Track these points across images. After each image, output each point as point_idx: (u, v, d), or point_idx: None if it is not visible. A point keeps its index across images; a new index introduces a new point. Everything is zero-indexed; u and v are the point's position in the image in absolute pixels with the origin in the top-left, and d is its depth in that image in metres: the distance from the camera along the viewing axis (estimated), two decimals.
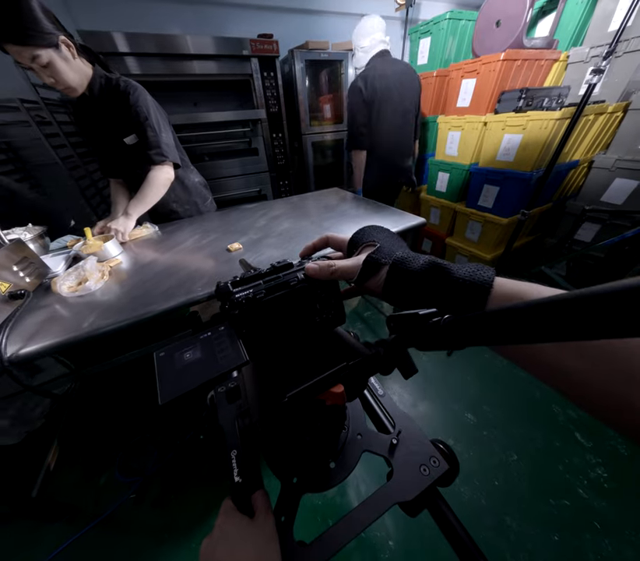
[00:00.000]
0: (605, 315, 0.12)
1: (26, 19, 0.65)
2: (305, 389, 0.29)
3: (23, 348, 0.55)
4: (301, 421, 0.35)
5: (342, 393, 0.32)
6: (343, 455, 0.41)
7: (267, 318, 0.30)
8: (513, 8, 1.53)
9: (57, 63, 0.74)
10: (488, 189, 1.71)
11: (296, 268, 0.33)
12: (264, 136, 2.10)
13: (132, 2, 1.93)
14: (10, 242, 0.67)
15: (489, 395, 1.27)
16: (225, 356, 0.28)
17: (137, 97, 0.90)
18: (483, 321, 0.20)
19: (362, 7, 2.69)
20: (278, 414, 0.32)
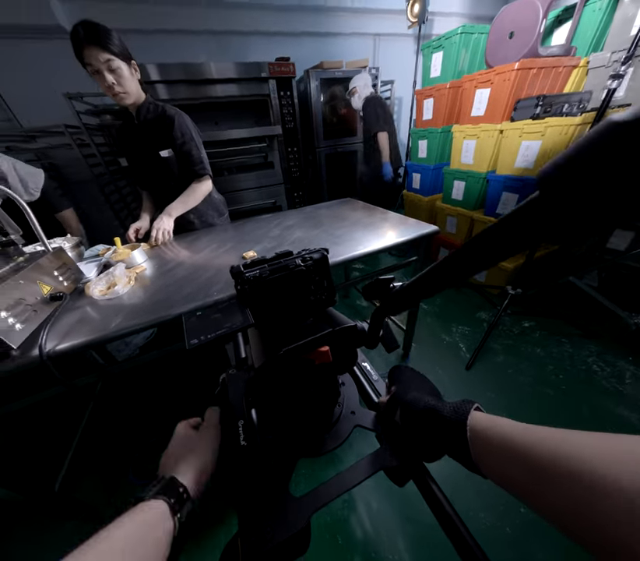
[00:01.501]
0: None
1: (109, 36, 0.86)
2: (298, 347, 0.37)
3: (59, 345, 0.63)
4: (295, 377, 0.41)
5: (327, 351, 0.39)
6: (337, 428, 0.47)
7: (270, 293, 0.38)
8: (526, 19, 1.59)
9: (124, 70, 0.92)
10: (507, 197, 1.71)
11: (295, 255, 0.41)
12: (280, 150, 2.25)
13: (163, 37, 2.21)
14: (53, 250, 0.78)
15: (515, 415, 1.21)
16: (236, 319, 0.37)
17: (182, 120, 1.09)
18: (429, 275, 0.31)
19: (375, 26, 2.88)
20: (276, 365, 0.38)
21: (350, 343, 0.43)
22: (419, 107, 2.26)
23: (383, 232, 1.08)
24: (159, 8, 2.08)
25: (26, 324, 0.64)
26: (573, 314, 1.71)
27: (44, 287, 0.71)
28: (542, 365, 1.42)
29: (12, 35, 1.77)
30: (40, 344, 0.61)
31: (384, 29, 2.92)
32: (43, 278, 0.73)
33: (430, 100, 2.12)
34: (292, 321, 0.42)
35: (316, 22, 2.62)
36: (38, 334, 0.64)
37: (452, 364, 1.47)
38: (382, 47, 3.05)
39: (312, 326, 0.41)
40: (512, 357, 1.48)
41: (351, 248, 0.97)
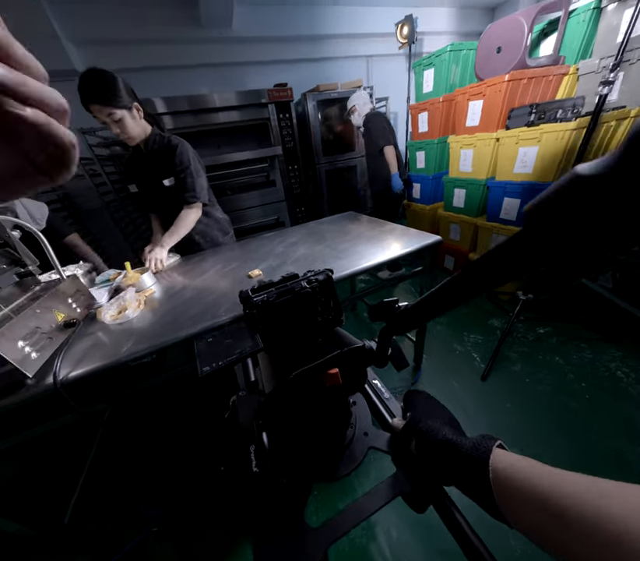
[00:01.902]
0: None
1: (110, 88, 0.93)
2: (307, 370, 0.37)
3: (73, 372, 0.65)
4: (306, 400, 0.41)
5: (336, 374, 0.39)
6: (350, 451, 0.46)
7: (278, 316, 0.39)
8: (512, 35, 1.65)
9: (126, 120, 1.00)
10: (509, 202, 1.71)
11: (301, 278, 0.42)
12: (281, 169, 2.33)
13: (169, 72, 2.38)
14: (68, 278, 0.81)
15: (536, 428, 1.15)
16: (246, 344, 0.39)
17: (182, 149, 1.15)
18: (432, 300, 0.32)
19: (367, 49, 3.04)
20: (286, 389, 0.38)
21: (359, 363, 0.43)
22: (414, 121, 2.33)
23: (386, 245, 1.09)
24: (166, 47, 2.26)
25: (41, 352, 0.66)
26: (590, 317, 1.65)
27: (59, 315, 0.74)
28: (562, 373, 1.36)
29: None
30: (55, 372, 0.62)
31: (376, 51, 3.07)
32: (58, 306, 0.76)
33: (425, 113, 2.19)
34: (301, 343, 0.42)
35: (311, 49, 2.79)
36: (52, 362, 0.66)
37: (467, 375, 1.42)
38: (375, 67, 3.20)
39: (321, 347, 0.41)
40: (529, 365, 1.43)
41: (355, 262, 0.98)
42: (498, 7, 3.32)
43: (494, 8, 3.36)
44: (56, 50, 1.86)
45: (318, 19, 2.65)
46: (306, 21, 2.60)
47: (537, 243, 0.19)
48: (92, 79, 0.91)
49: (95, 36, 2.02)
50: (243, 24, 2.38)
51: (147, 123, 1.13)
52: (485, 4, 3.23)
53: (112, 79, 0.94)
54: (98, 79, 0.91)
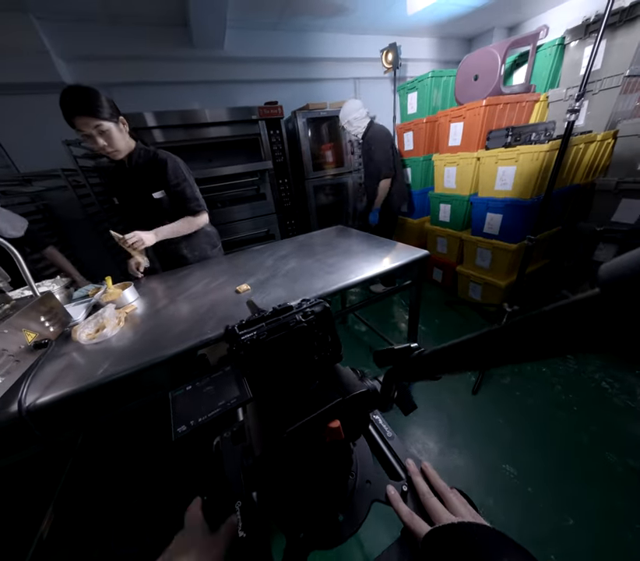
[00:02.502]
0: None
1: (95, 101, 0.95)
2: (303, 425, 0.32)
3: (41, 397, 0.60)
4: (303, 459, 0.36)
5: (338, 427, 0.33)
6: (352, 505, 0.40)
7: (269, 357, 0.34)
8: (487, 65, 1.79)
9: (113, 132, 1.01)
10: (492, 217, 1.79)
11: (295, 310, 0.37)
12: (271, 183, 2.37)
13: (159, 87, 2.42)
14: (41, 295, 0.77)
15: (528, 441, 1.15)
16: (231, 394, 0.33)
17: (174, 163, 1.16)
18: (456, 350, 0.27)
19: (355, 72, 3.21)
20: (279, 450, 0.33)
21: (362, 408, 0.38)
22: (400, 140, 2.44)
23: (375, 259, 1.10)
24: (158, 63, 2.31)
25: (7, 377, 0.61)
26: None
27: (29, 335, 0.69)
28: (550, 385, 1.38)
29: (17, 92, 1.92)
30: (20, 399, 0.57)
31: (363, 74, 3.25)
32: (29, 325, 0.71)
33: (410, 133, 2.30)
34: (295, 387, 0.37)
35: (301, 70, 2.92)
36: (18, 387, 0.60)
37: (458, 388, 1.42)
38: (362, 88, 3.37)
39: (318, 393, 0.36)
40: (519, 378, 1.44)
41: (345, 276, 0.98)
42: (475, 38, 3.61)
43: (471, 39, 3.66)
44: (45, 64, 1.86)
45: (308, 44, 2.79)
46: (296, 45, 2.74)
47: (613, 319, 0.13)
48: (76, 93, 0.92)
49: (85, 52, 2.04)
50: (234, 45, 2.48)
51: (131, 138, 1.13)
52: (462, 35, 3.51)
53: (95, 93, 0.95)
54: (82, 93, 0.93)
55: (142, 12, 2.00)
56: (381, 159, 1.94)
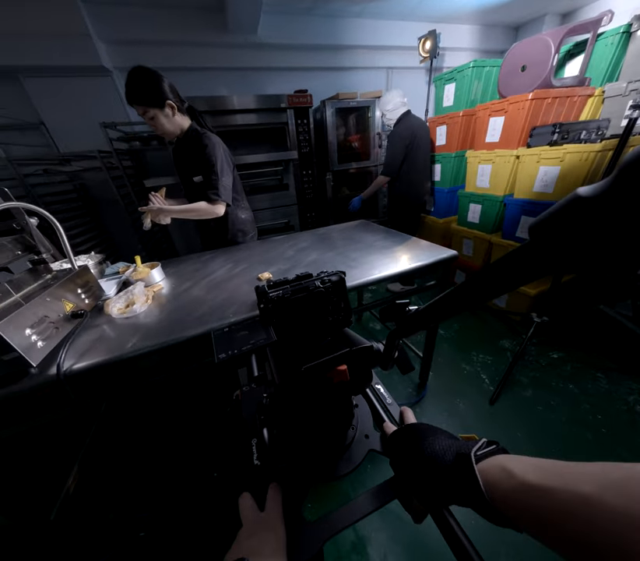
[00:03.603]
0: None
1: (144, 88, 1.03)
2: (317, 365, 0.39)
3: (76, 364, 0.66)
4: (313, 396, 0.42)
5: (345, 370, 0.41)
6: (350, 452, 0.48)
7: (292, 313, 0.42)
8: (538, 54, 1.71)
9: (159, 118, 1.10)
10: (526, 221, 1.73)
11: (315, 278, 0.45)
12: (295, 173, 2.39)
13: (191, 73, 2.49)
14: (79, 268, 0.83)
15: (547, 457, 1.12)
16: (260, 336, 0.44)
17: (211, 147, 1.20)
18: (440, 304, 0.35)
19: (388, 61, 3.15)
20: (296, 382, 0.40)
21: (366, 363, 0.45)
22: (432, 134, 2.39)
23: (399, 256, 1.11)
24: (192, 49, 2.38)
25: (47, 341, 0.67)
26: (606, 346, 1.63)
27: (67, 305, 0.76)
28: (576, 403, 1.33)
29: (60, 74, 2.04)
30: (59, 363, 0.64)
31: (396, 63, 3.18)
32: (68, 296, 0.78)
33: (444, 127, 2.25)
34: (311, 340, 0.45)
35: (333, 58, 2.90)
36: (57, 352, 0.67)
37: (474, 397, 1.40)
38: (395, 78, 3.31)
39: (330, 345, 0.43)
40: (542, 392, 1.41)
41: (367, 272, 0.99)
42: (522, 26, 3.44)
43: (517, 28, 3.49)
44: (87, 47, 1.97)
45: (342, 30, 2.77)
46: (330, 31, 2.72)
47: (541, 256, 0.22)
48: (131, 78, 1.02)
49: (124, 36, 2.13)
50: (268, 31, 2.50)
51: (185, 118, 1.20)
52: (508, 23, 3.35)
53: (148, 78, 1.03)
54: (135, 78, 1.02)
55: None
56: (388, 157, 2.05)
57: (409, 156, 2.01)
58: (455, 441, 0.32)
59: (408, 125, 1.99)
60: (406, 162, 2.02)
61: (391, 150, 2.01)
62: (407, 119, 2.01)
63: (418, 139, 2.00)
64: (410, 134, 1.97)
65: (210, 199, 1.22)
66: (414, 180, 2.09)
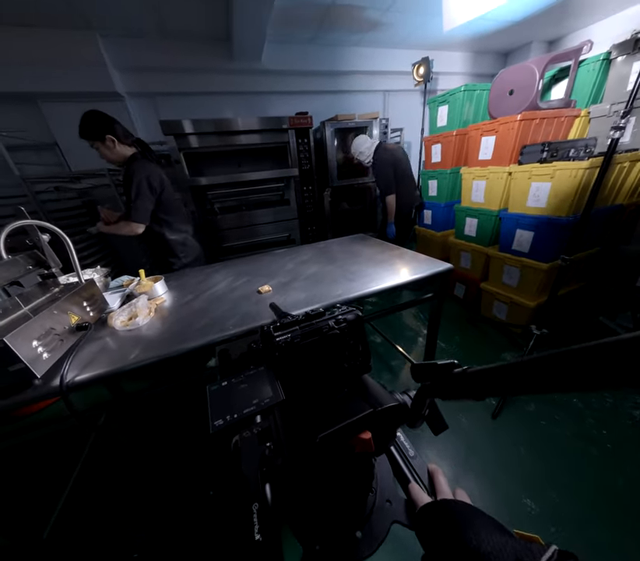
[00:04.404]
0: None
1: (88, 125, 1.27)
2: (336, 432, 0.32)
3: (79, 375, 0.68)
4: (329, 467, 0.36)
5: (370, 439, 0.34)
6: (371, 524, 0.40)
7: (302, 360, 0.36)
8: (523, 80, 1.83)
9: (101, 149, 1.31)
10: (522, 234, 1.78)
11: (327, 316, 0.39)
12: (296, 189, 2.49)
13: (198, 97, 2.65)
14: (85, 282, 0.87)
15: (552, 476, 1.10)
16: (265, 393, 0.36)
17: (133, 173, 1.32)
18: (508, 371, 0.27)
19: (384, 84, 3.35)
20: (308, 456, 0.34)
21: (391, 423, 0.38)
22: (427, 152, 2.50)
23: (396, 269, 1.14)
24: (199, 75, 2.55)
25: (52, 353, 0.70)
26: None
27: (73, 317, 0.79)
28: (580, 418, 1.32)
29: (75, 99, 2.19)
30: (62, 374, 0.66)
31: (392, 87, 3.38)
32: (73, 309, 0.80)
33: (438, 145, 2.35)
34: (325, 393, 0.38)
35: (332, 83, 3.09)
36: (60, 364, 0.69)
37: (476, 411, 1.39)
38: (391, 100, 3.50)
39: (348, 401, 0.37)
40: (545, 406, 1.39)
41: (365, 284, 1.02)
42: (511, 52, 3.67)
43: (507, 54, 3.72)
44: (103, 75, 2.13)
45: (341, 57, 2.97)
46: (329, 58, 2.92)
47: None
48: (82, 119, 1.27)
49: (137, 64, 2.30)
50: (271, 58, 2.68)
51: (129, 149, 1.37)
52: (498, 49, 3.57)
53: (92, 119, 1.27)
54: (84, 119, 1.27)
55: (189, 28, 2.24)
56: (382, 180, 2.26)
57: (395, 173, 2.25)
58: (511, 539, 0.25)
59: (386, 150, 2.25)
60: (395, 183, 2.27)
61: (382, 174, 2.25)
62: (382, 147, 2.27)
63: (397, 160, 2.27)
64: (390, 155, 2.24)
65: (127, 218, 1.36)
66: (402, 192, 2.31)
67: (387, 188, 2.27)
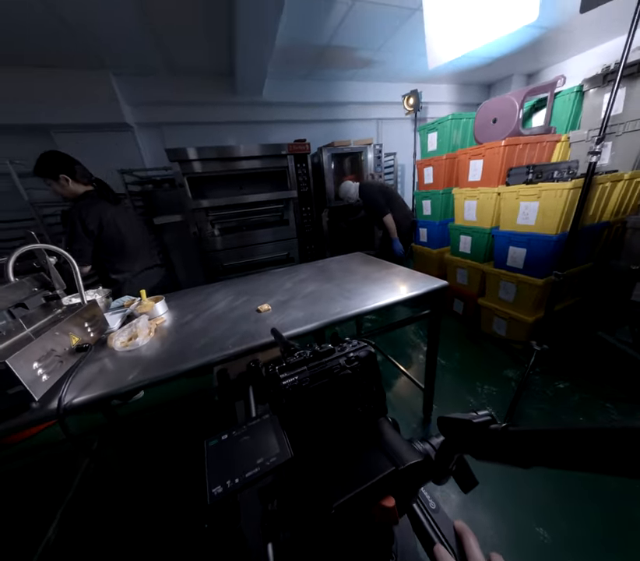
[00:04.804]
0: None
1: (42, 165, 1.34)
2: (353, 498, 0.28)
3: (77, 398, 0.68)
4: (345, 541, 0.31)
5: (394, 507, 0.29)
6: None
7: (311, 406, 0.32)
8: (505, 110, 1.97)
9: (53, 186, 1.38)
10: (515, 251, 1.83)
11: (337, 353, 0.35)
12: (294, 210, 2.58)
13: (201, 126, 2.83)
14: (88, 303, 0.89)
15: (566, 506, 1.04)
16: (271, 450, 0.31)
17: (71, 216, 1.36)
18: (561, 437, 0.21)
19: (378, 113, 3.58)
20: (323, 528, 0.29)
21: (414, 481, 0.33)
22: (420, 174, 2.63)
23: (393, 286, 1.16)
24: (204, 107, 2.74)
25: (51, 375, 0.70)
26: (610, 373, 1.60)
27: (74, 338, 0.80)
28: None
29: (86, 130, 2.34)
30: (60, 397, 0.65)
31: (385, 115, 3.62)
32: (75, 330, 0.82)
33: (430, 168, 2.48)
34: (337, 444, 0.33)
35: (328, 112, 3.32)
36: (58, 386, 0.69)
37: None
38: (384, 128, 3.73)
39: (365, 456, 0.32)
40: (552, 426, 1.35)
41: (362, 302, 1.04)
42: (494, 84, 3.97)
43: (490, 85, 4.02)
44: (114, 109, 2.30)
45: (336, 90, 3.21)
46: (325, 91, 3.16)
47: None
48: (39, 158, 1.34)
49: (147, 99, 2.49)
50: (271, 92, 2.90)
51: (82, 187, 1.43)
52: (481, 81, 3.87)
53: (49, 159, 1.35)
54: (40, 158, 1.34)
55: (196, 65, 2.44)
56: (374, 206, 2.40)
57: (385, 197, 2.40)
58: None
59: (369, 184, 2.46)
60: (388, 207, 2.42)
61: (372, 200, 2.39)
62: (364, 183, 2.47)
63: (382, 186, 2.48)
64: (375, 184, 2.46)
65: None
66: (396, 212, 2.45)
67: (382, 211, 2.37)
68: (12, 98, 2.06)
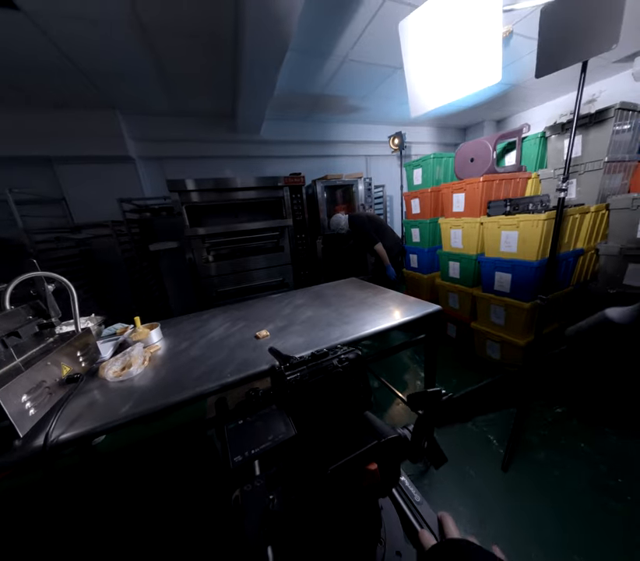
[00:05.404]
0: None
1: None
2: (345, 464, 0.34)
3: (64, 433, 0.64)
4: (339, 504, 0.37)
5: (376, 470, 0.36)
6: None
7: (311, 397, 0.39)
8: (480, 151, 2.20)
9: None
10: (501, 276, 1.92)
11: (331, 356, 0.43)
12: (290, 237, 2.67)
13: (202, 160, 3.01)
14: (82, 331, 0.87)
15: (577, 539, 0.99)
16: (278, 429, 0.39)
17: None
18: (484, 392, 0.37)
19: (367, 150, 3.91)
20: (321, 488, 0.35)
21: (395, 456, 0.39)
22: (408, 205, 2.81)
23: (388, 311, 1.19)
24: (205, 144, 2.93)
25: (39, 409, 0.66)
26: (605, 395, 1.61)
27: (65, 368, 0.77)
28: (593, 465, 1.25)
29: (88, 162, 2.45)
30: (47, 433, 0.61)
31: (373, 152, 3.95)
32: (66, 359, 0.79)
33: (417, 199, 2.67)
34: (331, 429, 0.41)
35: (321, 149, 3.60)
36: (45, 420, 0.65)
37: (484, 461, 1.30)
38: (373, 163, 4.05)
39: (353, 435, 0.39)
40: (555, 453, 1.32)
41: (360, 327, 1.05)
42: (469, 127, 4.46)
43: (465, 128, 4.50)
44: (119, 144, 2.44)
45: (329, 131, 3.54)
46: (319, 131, 3.47)
47: (575, 361, 0.25)
48: None
49: (151, 136, 2.66)
50: (269, 132, 3.16)
51: None
52: (458, 125, 4.35)
53: None
54: None
55: (200, 107, 2.67)
56: (365, 236, 2.54)
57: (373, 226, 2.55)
58: None
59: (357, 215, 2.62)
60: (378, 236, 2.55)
61: (362, 231, 2.52)
62: (353, 215, 2.60)
63: (370, 216, 2.61)
64: (363, 214, 2.60)
65: None
66: (386, 241, 2.58)
67: (372, 240, 2.49)
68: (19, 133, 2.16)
